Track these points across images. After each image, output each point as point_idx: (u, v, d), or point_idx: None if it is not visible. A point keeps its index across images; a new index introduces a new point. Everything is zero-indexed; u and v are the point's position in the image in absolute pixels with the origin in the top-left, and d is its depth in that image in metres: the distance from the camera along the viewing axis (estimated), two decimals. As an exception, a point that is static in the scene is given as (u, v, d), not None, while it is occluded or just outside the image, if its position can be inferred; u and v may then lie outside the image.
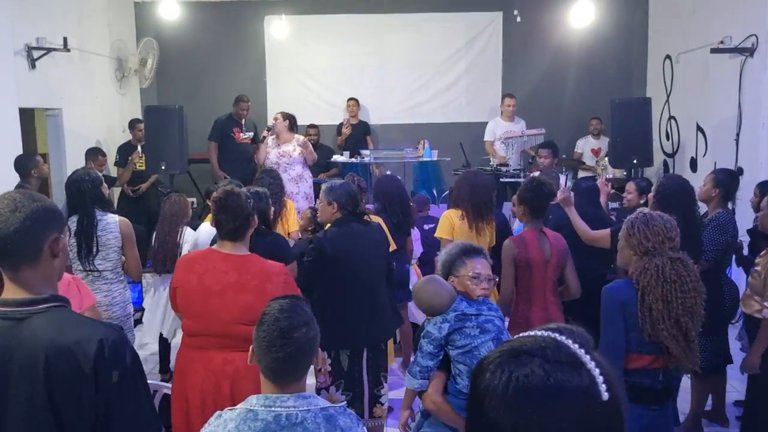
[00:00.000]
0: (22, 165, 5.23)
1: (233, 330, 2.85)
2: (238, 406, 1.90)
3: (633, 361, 2.82)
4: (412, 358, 2.85)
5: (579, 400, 0.93)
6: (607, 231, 4.10)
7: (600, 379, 0.94)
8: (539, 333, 1.02)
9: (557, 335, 1.00)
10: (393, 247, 4.18)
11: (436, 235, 4.61)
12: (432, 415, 2.73)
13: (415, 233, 5.30)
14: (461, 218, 4.41)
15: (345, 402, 2.01)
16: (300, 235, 5.13)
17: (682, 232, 2.96)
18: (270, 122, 8.58)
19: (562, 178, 4.73)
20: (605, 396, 0.93)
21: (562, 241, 3.84)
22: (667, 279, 2.74)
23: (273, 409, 1.84)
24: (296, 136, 7.08)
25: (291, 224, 5.04)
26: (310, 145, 7.10)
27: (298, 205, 6.38)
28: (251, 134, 8.14)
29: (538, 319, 3.64)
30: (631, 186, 5.09)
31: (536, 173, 6.17)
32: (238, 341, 2.85)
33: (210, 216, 3.57)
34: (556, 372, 0.93)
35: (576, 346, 0.98)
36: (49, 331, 1.62)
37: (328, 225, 3.79)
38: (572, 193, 4.44)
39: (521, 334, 1.06)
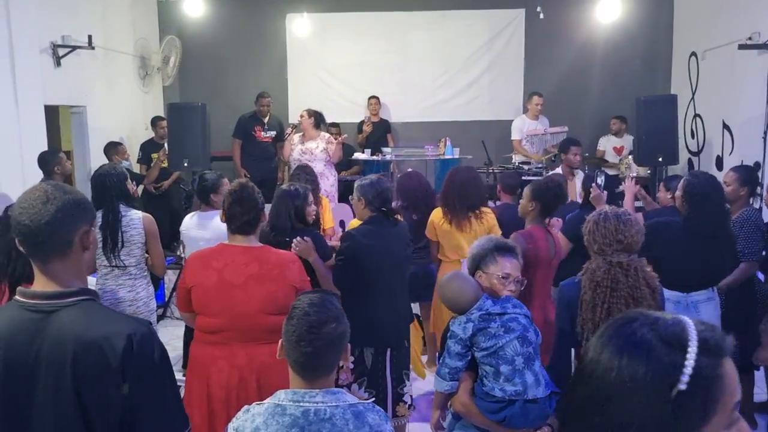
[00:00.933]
0: (45, 162, 5.28)
1: (258, 321, 2.86)
2: (266, 400, 1.89)
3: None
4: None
5: (658, 375, 0.92)
6: None
7: (688, 371, 0.92)
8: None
9: (688, 320, 0.99)
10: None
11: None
12: (462, 417, 2.71)
13: None
14: (442, 215, 4.40)
15: (373, 399, 1.99)
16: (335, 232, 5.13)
17: (713, 231, 2.89)
18: (293, 119, 8.64)
19: (599, 179, 4.63)
20: (682, 386, 0.92)
21: (562, 241, 3.92)
22: (598, 283, 2.70)
23: (301, 404, 1.83)
24: (322, 133, 7.09)
25: (326, 221, 5.06)
26: (336, 144, 7.06)
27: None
28: (273, 133, 8.14)
29: (537, 319, 3.52)
30: (661, 184, 4.97)
31: (556, 171, 6.10)
32: (263, 333, 2.86)
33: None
34: (652, 340, 0.94)
35: (694, 334, 0.96)
36: (77, 325, 1.62)
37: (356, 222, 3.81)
38: (605, 193, 4.36)
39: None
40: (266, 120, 8.16)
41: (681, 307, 3.60)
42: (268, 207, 3.47)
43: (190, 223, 4.41)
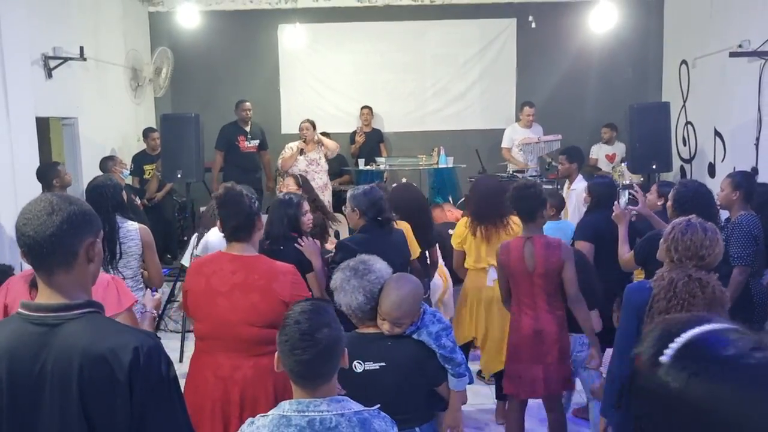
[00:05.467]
0: (43, 174, 5.23)
1: (240, 331, 2.81)
2: (270, 411, 1.88)
3: None
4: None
5: None
6: (631, 254, 3.97)
7: None
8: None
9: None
10: (416, 251, 4.11)
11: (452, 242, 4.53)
12: None
13: None
14: (468, 225, 4.34)
15: (378, 406, 1.98)
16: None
17: None
18: (285, 129, 8.62)
19: (623, 198, 4.59)
20: None
21: (556, 250, 3.56)
22: (675, 295, 2.65)
23: (306, 414, 1.82)
24: (318, 145, 7.21)
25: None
26: (326, 139, 7.22)
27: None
28: (257, 142, 8.11)
29: (527, 327, 3.59)
30: (654, 186, 4.95)
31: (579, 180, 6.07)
32: (245, 344, 2.82)
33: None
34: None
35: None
36: (83, 338, 1.59)
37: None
38: (628, 212, 4.27)
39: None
40: (248, 129, 8.11)
41: None
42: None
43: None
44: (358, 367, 2.57)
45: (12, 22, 5.47)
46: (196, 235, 5.03)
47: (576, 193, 5.85)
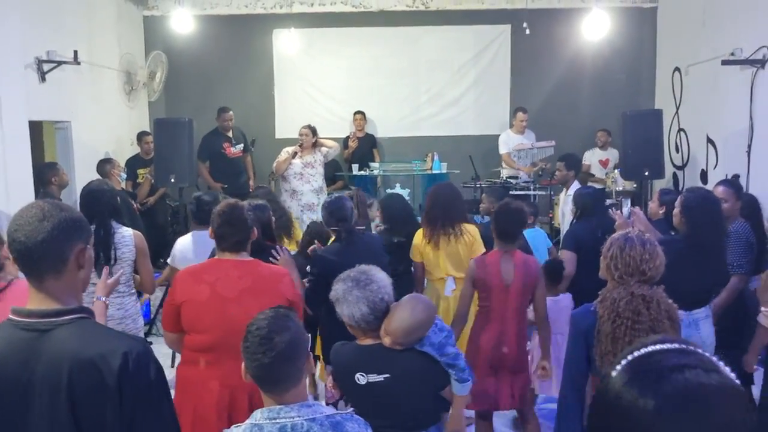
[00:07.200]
0: (41, 173, 5.22)
1: None
2: (244, 422, 1.89)
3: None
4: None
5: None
6: None
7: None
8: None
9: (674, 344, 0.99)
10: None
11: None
12: None
13: None
14: (423, 236, 4.29)
15: (353, 410, 1.98)
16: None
17: (712, 247, 2.83)
18: (279, 134, 8.64)
19: (625, 208, 4.59)
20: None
21: (533, 266, 3.63)
22: (619, 315, 2.60)
23: (278, 421, 1.83)
24: (326, 141, 7.28)
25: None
26: (326, 140, 7.29)
27: (317, 216, 6.41)
28: (241, 146, 8.11)
29: (489, 339, 3.56)
30: (656, 195, 4.93)
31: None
32: None
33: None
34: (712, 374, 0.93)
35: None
36: (72, 344, 1.60)
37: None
38: (631, 221, 4.23)
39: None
40: (231, 134, 8.09)
41: (683, 325, 3.60)
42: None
43: (185, 243, 4.36)
44: (361, 379, 2.55)
45: (5, 25, 5.46)
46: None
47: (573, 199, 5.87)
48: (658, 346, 0.99)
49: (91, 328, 1.68)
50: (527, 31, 8.36)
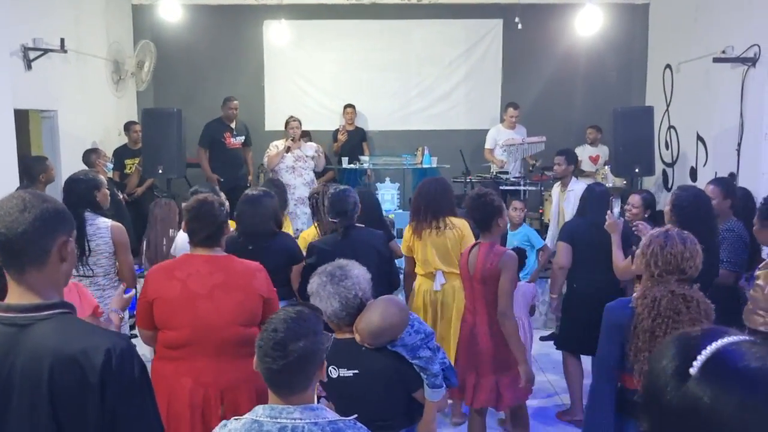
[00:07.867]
0: (30, 168, 5.15)
1: (228, 332, 2.77)
2: (245, 415, 1.84)
3: (628, 381, 2.71)
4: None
5: None
6: (627, 262, 3.92)
7: None
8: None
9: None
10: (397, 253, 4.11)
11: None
12: None
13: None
14: (412, 230, 4.29)
15: (355, 416, 1.94)
16: None
17: (704, 244, 2.82)
18: (269, 126, 8.58)
19: (616, 207, 4.58)
20: None
21: (495, 258, 3.49)
22: (660, 313, 2.57)
23: (279, 420, 1.78)
24: (309, 143, 7.29)
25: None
26: (323, 155, 7.37)
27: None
28: (242, 138, 8.05)
29: (465, 331, 3.62)
30: (635, 200, 4.80)
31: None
32: (231, 346, 2.77)
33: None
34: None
35: None
36: (54, 339, 1.55)
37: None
38: (621, 221, 4.24)
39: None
40: (234, 125, 8.04)
41: None
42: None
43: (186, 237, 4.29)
44: (333, 372, 2.54)
45: (-9, 12, 5.37)
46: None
47: (574, 194, 5.84)
48: (726, 340, 0.95)
49: (72, 324, 1.63)
50: (519, 26, 8.33)
